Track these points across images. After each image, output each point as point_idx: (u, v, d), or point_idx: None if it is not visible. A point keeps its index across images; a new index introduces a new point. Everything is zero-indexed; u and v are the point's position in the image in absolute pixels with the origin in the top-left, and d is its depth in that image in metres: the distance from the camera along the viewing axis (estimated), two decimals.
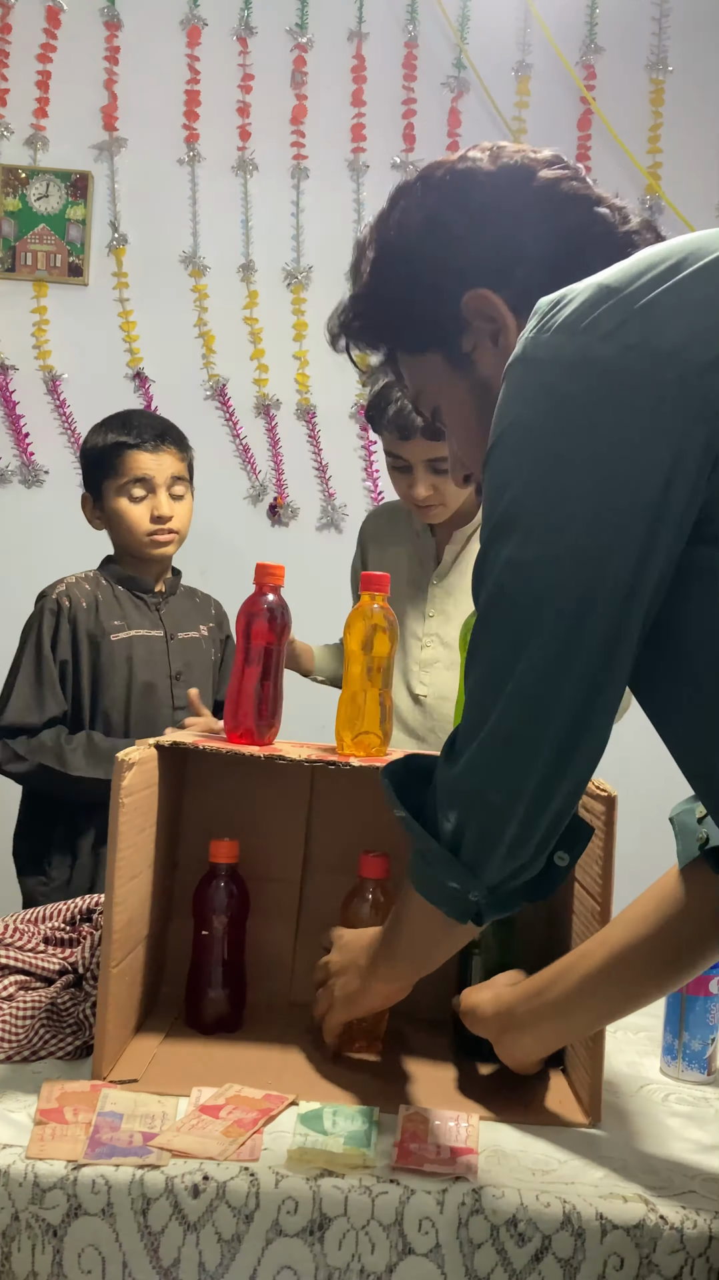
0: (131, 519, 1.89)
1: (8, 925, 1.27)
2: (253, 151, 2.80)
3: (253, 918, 1.24)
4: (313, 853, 1.32)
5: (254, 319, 2.82)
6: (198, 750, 1.18)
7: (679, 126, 2.79)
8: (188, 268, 2.81)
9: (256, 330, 2.81)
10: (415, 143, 2.79)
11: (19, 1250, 0.87)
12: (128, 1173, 0.88)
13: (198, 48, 2.79)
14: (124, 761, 1.06)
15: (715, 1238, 0.87)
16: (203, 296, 2.81)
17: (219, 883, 1.21)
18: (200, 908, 1.22)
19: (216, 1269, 0.87)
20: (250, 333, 2.82)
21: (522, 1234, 0.87)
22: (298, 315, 2.81)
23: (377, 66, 2.79)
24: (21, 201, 2.78)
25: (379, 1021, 1.18)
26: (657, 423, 0.71)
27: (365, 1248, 0.87)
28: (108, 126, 2.78)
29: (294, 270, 2.81)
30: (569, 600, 0.75)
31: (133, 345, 2.81)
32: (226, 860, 1.21)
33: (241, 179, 2.80)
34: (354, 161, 2.80)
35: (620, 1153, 0.98)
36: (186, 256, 2.81)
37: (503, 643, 0.79)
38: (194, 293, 2.82)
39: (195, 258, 2.81)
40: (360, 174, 2.80)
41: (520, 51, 2.80)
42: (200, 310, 2.81)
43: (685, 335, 0.71)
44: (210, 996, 1.21)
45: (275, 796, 1.32)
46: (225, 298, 2.81)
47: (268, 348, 2.82)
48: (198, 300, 2.81)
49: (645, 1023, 1.33)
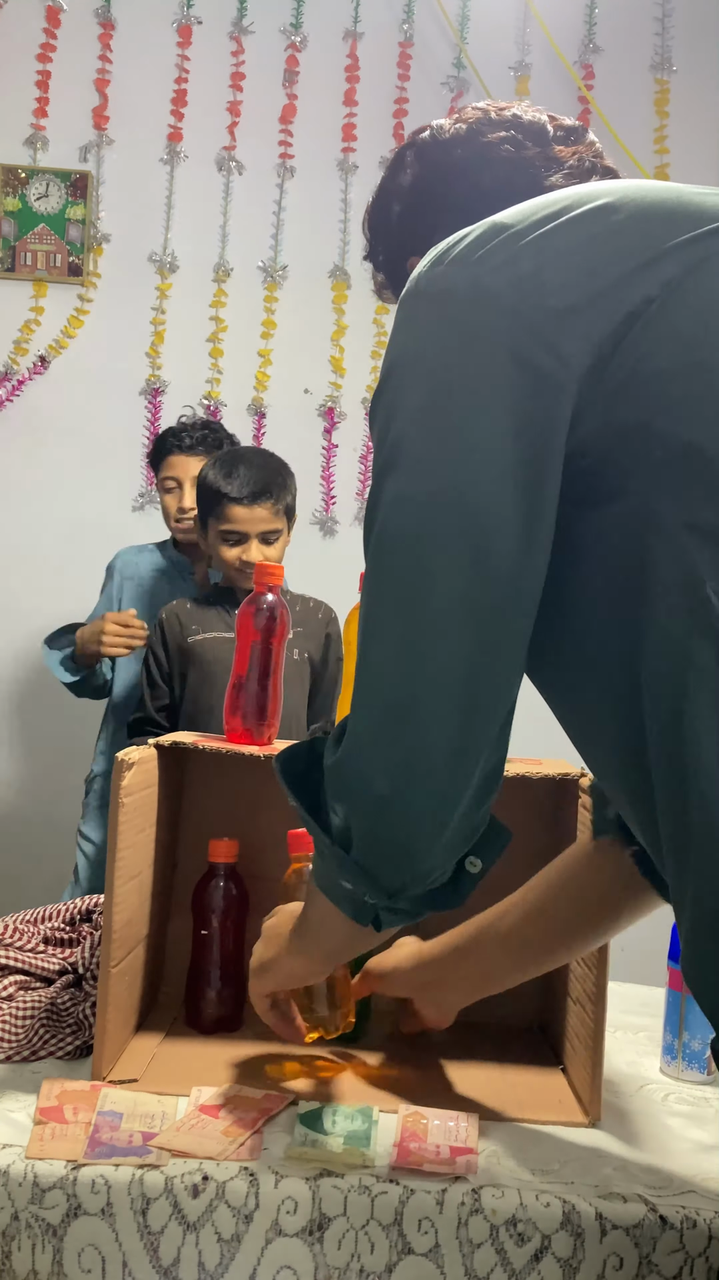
0: (224, 556, 2.11)
1: (8, 925, 1.27)
2: (240, 150, 2.80)
3: (252, 917, 1.24)
4: None
5: (220, 319, 2.81)
6: (198, 750, 1.18)
7: (685, 127, 2.79)
8: (159, 266, 2.81)
9: (267, 330, 2.81)
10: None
11: (19, 1250, 0.87)
12: (127, 1172, 0.88)
13: (190, 47, 2.79)
14: (124, 761, 1.06)
15: (715, 1238, 0.87)
16: (223, 295, 2.82)
17: (218, 882, 1.21)
18: (200, 907, 1.22)
19: (216, 1269, 0.87)
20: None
21: (521, 1234, 0.87)
22: (268, 313, 2.81)
23: (371, 66, 2.80)
24: (21, 201, 2.78)
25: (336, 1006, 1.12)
26: (544, 350, 0.68)
27: (365, 1247, 0.87)
28: (98, 126, 2.79)
29: (269, 268, 2.81)
30: (456, 537, 0.68)
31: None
32: (225, 860, 1.21)
33: (224, 178, 2.80)
34: (343, 161, 2.80)
35: (620, 1153, 0.98)
36: (160, 256, 2.81)
37: (386, 590, 0.71)
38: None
39: (171, 256, 2.81)
40: (349, 173, 2.80)
41: (519, 51, 2.80)
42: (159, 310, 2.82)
43: (570, 270, 0.70)
44: (210, 996, 1.21)
45: (275, 796, 1.31)
46: (235, 296, 2.83)
47: (274, 346, 2.82)
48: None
49: (645, 1022, 1.33)
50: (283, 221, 2.81)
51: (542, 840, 1.28)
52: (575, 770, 1.15)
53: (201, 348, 2.82)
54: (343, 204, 2.80)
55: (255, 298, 2.82)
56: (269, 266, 2.81)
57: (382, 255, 1.01)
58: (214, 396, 2.81)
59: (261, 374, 2.82)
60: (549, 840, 1.29)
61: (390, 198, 0.99)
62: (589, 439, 0.69)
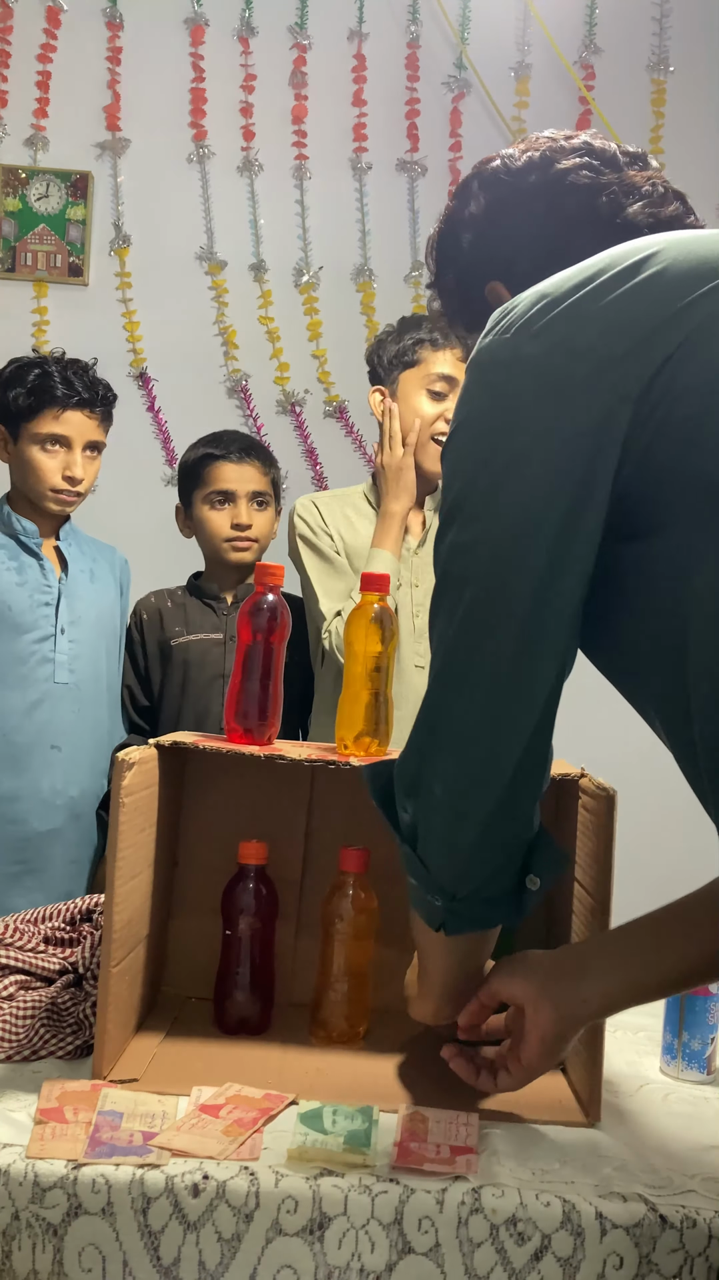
0: (213, 526, 2.05)
1: (8, 925, 1.28)
2: (257, 151, 2.80)
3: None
4: (313, 853, 1.32)
5: (269, 318, 2.81)
6: (198, 750, 1.18)
7: (680, 127, 2.79)
8: (203, 265, 2.81)
9: (273, 329, 2.81)
10: (419, 142, 2.80)
11: (19, 1249, 0.87)
12: (128, 1172, 0.88)
13: (201, 46, 2.79)
14: (124, 761, 1.06)
15: (715, 1237, 0.87)
16: (222, 293, 2.81)
17: (248, 884, 1.21)
18: (229, 908, 1.22)
19: (216, 1268, 0.87)
20: (267, 331, 2.81)
21: (521, 1233, 0.87)
22: (310, 314, 2.81)
23: (377, 66, 2.80)
24: (21, 201, 2.78)
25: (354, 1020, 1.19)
26: (576, 413, 0.76)
27: (365, 1247, 0.87)
28: (110, 126, 2.79)
29: (302, 268, 2.81)
30: (495, 579, 0.79)
31: (136, 345, 2.81)
32: (255, 861, 1.21)
33: (248, 178, 2.81)
34: (356, 161, 2.80)
35: (620, 1152, 0.98)
36: (195, 254, 2.81)
37: (442, 622, 0.84)
38: (213, 289, 2.82)
39: (211, 254, 2.81)
40: (363, 174, 2.80)
41: (520, 52, 2.80)
42: (221, 307, 2.81)
43: (599, 331, 0.75)
44: (236, 998, 1.20)
45: (275, 796, 1.32)
46: (237, 295, 2.82)
47: (284, 346, 2.81)
48: (216, 297, 2.81)
49: (645, 1022, 1.33)
50: (308, 224, 2.81)
51: None
52: (576, 770, 1.15)
53: (261, 348, 2.81)
54: (359, 204, 2.80)
55: (294, 298, 2.80)
56: (301, 266, 2.80)
57: (453, 280, 1.04)
58: (289, 395, 2.80)
59: (324, 373, 2.80)
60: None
61: (460, 227, 1.02)
62: (628, 483, 0.76)
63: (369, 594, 1.24)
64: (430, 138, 2.80)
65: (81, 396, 1.94)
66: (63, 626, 1.96)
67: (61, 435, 1.94)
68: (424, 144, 2.80)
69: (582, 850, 1.13)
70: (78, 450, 1.95)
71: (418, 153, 2.80)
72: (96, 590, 2.05)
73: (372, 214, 2.82)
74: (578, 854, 1.14)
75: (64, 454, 1.94)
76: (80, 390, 1.94)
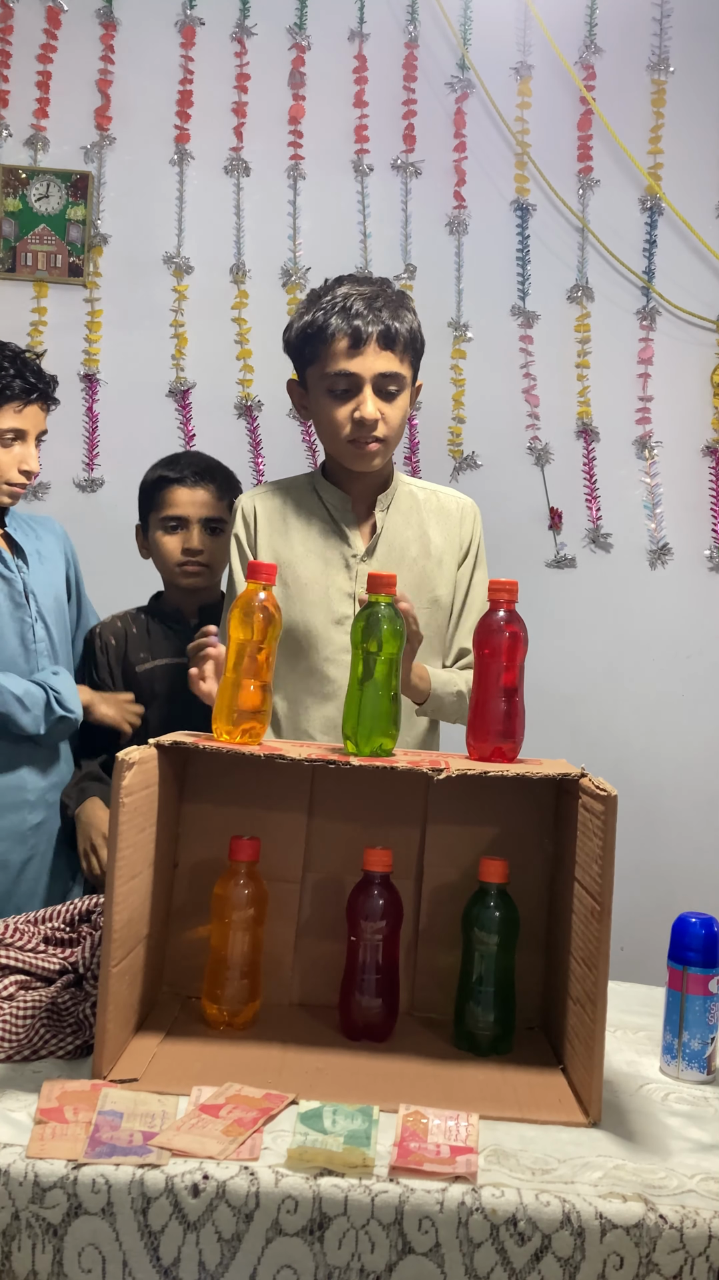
0: (166, 549, 2.01)
1: (8, 925, 1.28)
2: (247, 152, 2.80)
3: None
4: (313, 853, 1.32)
5: (243, 319, 2.81)
6: (198, 750, 1.18)
7: (680, 127, 2.80)
8: (171, 268, 2.80)
9: (244, 331, 2.80)
10: (415, 143, 2.79)
11: (19, 1249, 0.87)
12: (128, 1172, 0.88)
13: (194, 48, 2.79)
14: (124, 761, 1.06)
15: (715, 1237, 0.87)
16: (182, 299, 2.80)
17: (373, 891, 1.21)
18: (354, 915, 1.22)
19: (217, 1268, 0.87)
20: (238, 333, 2.81)
21: (521, 1233, 0.87)
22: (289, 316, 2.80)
23: (377, 67, 2.80)
24: (21, 202, 2.78)
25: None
26: None
27: (365, 1247, 0.87)
28: (100, 126, 2.79)
29: (290, 270, 2.81)
30: None
31: (91, 346, 2.80)
32: (381, 869, 1.21)
33: (234, 179, 2.80)
34: (358, 163, 2.80)
35: (620, 1152, 0.99)
36: (170, 257, 2.80)
37: None
38: (174, 292, 2.80)
39: (180, 257, 2.79)
40: (365, 176, 2.80)
41: (520, 52, 2.80)
42: (180, 308, 2.79)
43: None
44: (359, 1003, 1.20)
45: (275, 796, 1.32)
46: (212, 298, 2.80)
47: (260, 348, 2.81)
48: (176, 301, 2.80)
49: (645, 1022, 1.33)
50: (299, 226, 2.80)
51: (542, 840, 1.28)
52: (575, 770, 1.15)
53: (228, 350, 2.80)
54: (360, 205, 2.80)
55: (278, 300, 2.80)
56: (289, 268, 2.80)
57: None
58: (248, 399, 2.79)
59: (296, 376, 2.79)
60: (550, 840, 1.29)
61: None
62: None
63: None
64: (429, 139, 2.79)
65: (40, 390, 1.95)
66: (36, 615, 1.96)
67: (21, 430, 1.94)
68: (422, 145, 2.79)
69: (582, 850, 1.13)
70: (31, 442, 1.96)
71: (413, 154, 2.80)
72: (47, 570, 2.03)
73: (372, 215, 2.81)
74: (578, 854, 1.14)
75: (20, 447, 1.95)
76: (37, 383, 1.94)
